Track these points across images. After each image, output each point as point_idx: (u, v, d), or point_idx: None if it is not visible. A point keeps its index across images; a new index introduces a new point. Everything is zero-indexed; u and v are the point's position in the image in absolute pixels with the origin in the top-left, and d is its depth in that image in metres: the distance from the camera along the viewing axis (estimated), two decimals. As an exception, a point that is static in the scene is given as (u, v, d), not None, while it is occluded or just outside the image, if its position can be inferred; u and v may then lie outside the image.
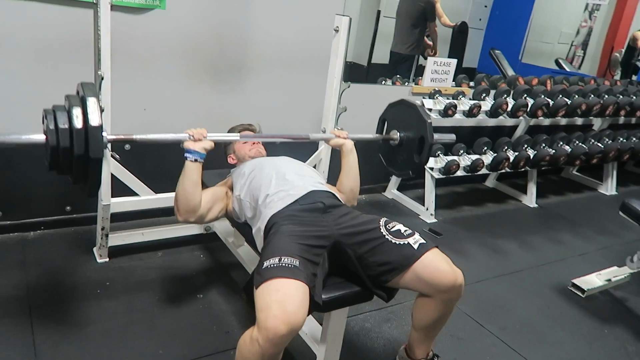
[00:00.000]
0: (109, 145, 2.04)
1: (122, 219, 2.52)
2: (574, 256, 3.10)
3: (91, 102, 1.36)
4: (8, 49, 2.15)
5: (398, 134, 2.07)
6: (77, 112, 1.34)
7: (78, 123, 1.33)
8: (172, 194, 2.34)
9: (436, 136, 1.99)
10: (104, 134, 1.40)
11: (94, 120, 1.34)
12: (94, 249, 2.35)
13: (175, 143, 1.72)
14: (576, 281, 2.65)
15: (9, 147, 1.39)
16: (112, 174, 2.17)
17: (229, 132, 2.27)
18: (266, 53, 2.79)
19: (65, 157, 1.35)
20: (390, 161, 2.17)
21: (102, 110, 1.93)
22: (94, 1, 1.85)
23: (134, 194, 2.31)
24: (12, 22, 2.12)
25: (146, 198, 2.33)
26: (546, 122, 4.12)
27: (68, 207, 2.54)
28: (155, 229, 2.48)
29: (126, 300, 2.06)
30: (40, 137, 1.37)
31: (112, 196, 2.21)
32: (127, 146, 2.49)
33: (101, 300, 2.04)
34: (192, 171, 1.68)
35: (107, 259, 2.31)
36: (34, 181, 2.40)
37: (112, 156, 2.11)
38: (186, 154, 1.68)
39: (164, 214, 2.64)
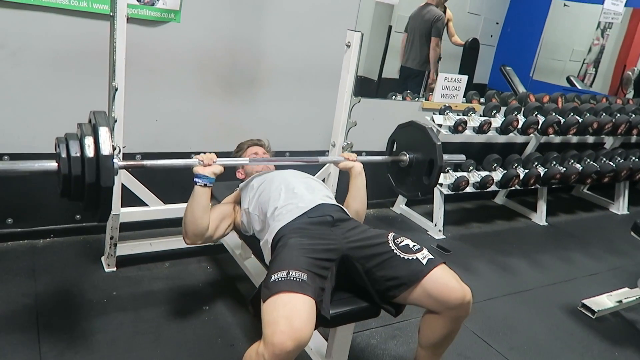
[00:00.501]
0: (121, 154, 2.07)
1: (131, 229, 2.53)
2: (584, 276, 3.06)
3: (103, 132, 1.37)
4: (26, 59, 2.19)
5: (407, 155, 2.08)
6: (89, 141, 1.36)
7: (90, 152, 1.35)
8: (182, 205, 2.36)
9: (446, 157, 1.99)
10: (115, 160, 1.41)
11: (106, 150, 1.36)
12: (102, 258, 2.37)
13: (185, 168, 1.73)
14: (586, 302, 2.62)
15: (22, 174, 1.41)
16: (122, 184, 2.18)
17: (237, 147, 2.29)
18: (278, 67, 2.81)
19: (76, 185, 1.37)
20: (399, 182, 2.18)
21: (115, 121, 1.97)
22: (111, 13, 1.88)
23: (143, 204, 2.32)
24: (30, 33, 2.16)
25: (155, 208, 2.34)
26: (557, 139, 4.11)
27: (78, 216, 2.55)
28: (163, 239, 2.48)
29: (133, 310, 2.06)
30: (52, 165, 1.39)
31: (122, 206, 2.22)
32: (139, 157, 2.52)
33: (108, 309, 2.04)
34: (201, 196, 1.69)
35: (115, 269, 2.32)
36: (45, 189, 2.41)
37: (123, 166, 2.12)
38: (195, 179, 1.69)
39: (173, 225, 2.65)
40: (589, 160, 3.97)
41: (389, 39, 4.64)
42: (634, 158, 4.20)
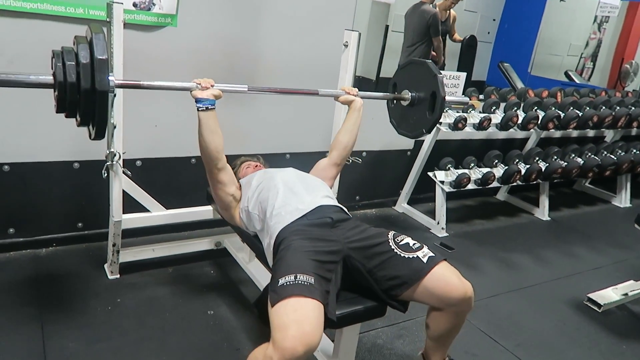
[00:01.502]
0: (121, 160, 2.07)
1: (133, 235, 2.52)
2: (588, 270, 3.05)
3: (97, 38, 1.36)
4: (23, 67, 2.18)
5: (410, 93, 2.06)
6: (83, 48, 1.35)
7: (84, 58, 1.34)
8: (183, 210, 2.37)
9: (449, 98, 1.98)
10: (111, 77, 1.40)
11: (100, 55, 1.35)
12: (105, 266, 2.36)
13: (182, 90, 1.75)
14: (592, 296, 2.61)
15: (18, 86, 1.40)
16: (123, 190, 2.18)
17: (231, 164, 2.28)
18: (276, 68, 2.81)
19: (72, 93, 1.35)
20: (402, 123, 2.16)
21: (114, 127, 1.97)
22: (107, 19, 1.87)
23: (145, 210, 2.32)
24: (27, 40, 2.15)
25: (157, 214, 2.33)
26: (557, 134, 4.10)
27: (80, 224, 2.55)
28: (165, 245, 2.48)
29: (137, 317, 2.05)
30: (48, 78, 1.38)
31: (124, 212, 2.22)
32: (139, 162, 2.51)
33: (112, 317, 2.03)
34: (207, 119, 1.72)
35: (118, 275, 2.31)
36: (47, 198, 2.42)
37: (124, 172, 2.12)
38: (197, 104, 1.71)
39: (175, 230, 2.65)
40: (590, 154, 3.96)
41: (386, 39, 4.64)
42: (635, 151, 4.20)
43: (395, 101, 2.15)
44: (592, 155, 3.95)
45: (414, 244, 1.61)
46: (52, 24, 2.17)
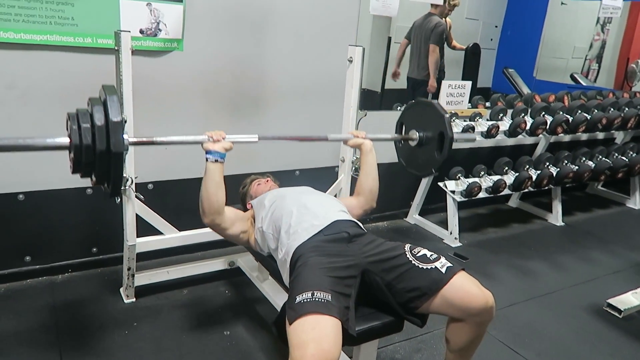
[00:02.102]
0: (134, 185, 2.09)
1: (147, 258, 2.53)
2: (606, 275, 3.01)
3: (112, 100, 1.39)
4: (35, 98, 2.22)
5: (417, 133, 2.06)
6: (98, 110, 1.38)
7: (99, 120, 1.36)
8: (196, 231, 2.38)
9: (457, 135, 1.98)
10: (125, 136, 1.42)
11: (115, 117, 1.37)
12: (121, 290, 2.37)
13: (195, 143, 1.75)
14: (611, 301, 2.57)
15: (35, 150, 1.44)
16: (136, 214, 2.19)
17: (242, 184, 2.30)
18: (282, 87, 2.84)
19: (87, 155, 1.37)
20: (410, 162, 2.16)
21: (126, 151, 1.99)
22: (116, 47, 1.91)
23: (158, 232, 2.33)
24: (38, 72, 2.20)
25: (170, 236, 2.35)
26: (567, 138, 4.07)
27: (94, 249, 2.57)
28: (179, 266, 2.49)
29: (154, 341, 2.05)
30: (64, 140, 1.40)
31: (137, 236, 2.23)
32: (151, 185, 2.54)
33: (129, 341, 2.04)
34: (214, 172, 1.71)
35: (134, 299, 2.32)
36: (61, 225, 2.44)
37: (136, 196, 2.14)
38: (207, 155, 1.71)
39: (188, 251, 2.66)
40: (600, 156, 3.93)
41: (389, 51, 4.68)
42: (646, 151, 4.16)
43: (402, 141, 2.15)
44: (603, 158, 3.91)
45: (431, 254, 1.61)
46: (62, 54, 2.21)
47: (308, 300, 1.37)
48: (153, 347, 2.01)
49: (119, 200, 2.08)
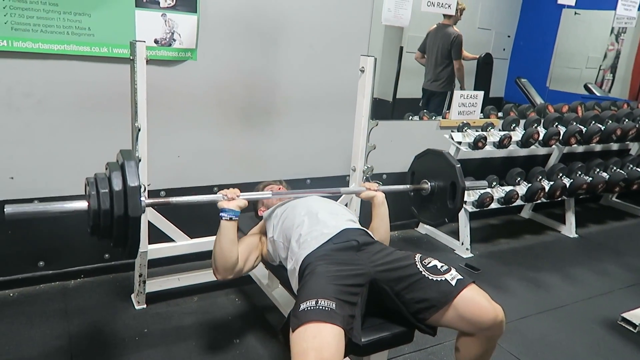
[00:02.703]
0: (147, 192, 2.11)
1: (159, 265, 2.55)
2: (621, 288, 2.96)
3: (129, 165, 1.42)
4: (52, 106, 2.26)
5: (429, 183, 2.09)
6: (116, 176, 1.41)
7: (117, 186, 1.39)
8: (207, 238, 2.39)
9: (468, 184, 2.00)
10: (142, 198, 1.44)
11: (133, 182, 1.40)
12: (132, 296, 2.39)
13: (210, 202, 1.76)
14: (626, 315, 2.52)
15: (54, 215, 1.44)
16: (148, 221, 2.21)
17: (255, 187, 2.30)
18: (294, 96, 2.85)
19: (105, 219, 1.40)
20: (423, 211, 2.18)
21: (139, 160, 2.02)
22: (131, 57, 1.94)
23: (170, 240, 2.35)
24: (54, 81, 2.24)
25: (182, 243, 2.37)
26: (580, 149, 4.04)
27: (106, 255, 2.59)
28: (190, 273, 2.50)
29: (164, 347, 2.06)
30: (83, 204, 1.43)
31: (149, 243, 2.25)
32: (163, 193, 2.56)
33: (140, 347, 2.05)
34: (228, 229, 1.71)
35: (145, 306, 2.34)
36: (74, 231, 2.45)
37: (148, 204, 2.16)
38: (221, 214, 1.71)
39: (199, 258, 2.66)
40: (615, 167, 3.89)
41: (401, 60, 4.69)
42: (662, 162, 4.10)
43: (414, 191, 2.17)
44: (618, 169, 3.87)
45: (441, 266, 1.60)
46: (78, 63, 2.25)
47: (311, 308, 1.38)
48: (163, 354, 2.02)
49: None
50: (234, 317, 2.34)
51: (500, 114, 3.74)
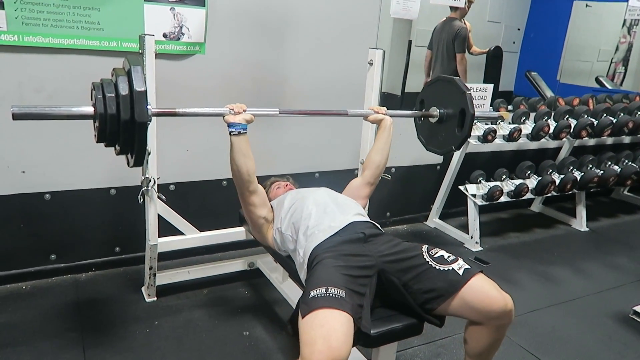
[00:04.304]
0: (156, 186, 2.13)
1: (169, 258, 2.57)
2: (632, 282, 2.94)
3: (135, 70, 1.40)
4: (62, 101, 2.27)
5: (437, 110, 2.05)
6: (122, 80, 1.39)
7: (124, 90, 1.38)
8: (217, 232, 2.41)
9: (478, 112, 1.95)
10: (148, 107, 1.44)
11: (139, 87, 1.39)
12: (143, 289, 2.41)
13: (215, 115, 1.80)
14: (638, 309, 2.50)
15: (60, 118, 1.45)
16: (158, 215, 2.23)
17: (263, 184, 2.31)
18: (303, 90, 2.85)
19: (112, 124, 1.39)
20: (430, 140, 2.15)
21: (148, 153, 2.03)
22: (140, 51, 1.95)
23: (179, 233, 2.36)
24: (64, 75, 2.26)
25: (191, 237, 2.38)
26: (591, 142, 4.00)
27: (117, 248, 2.62)
28: (200, 266, 2.51)
29: (174, 339, 2.08)
30: (89, 109, 1.42)
31: (159, 236, 2.27)
32: (172, 187, 2.58)
33: (151, 339, 2.07)
34: (239, 143, 1.75)
35: (155, 298, 2.36)
36: (85, 224, 2.50)
37: (158, 197, 2.18)
38: (230, 129, 1.74)
39: (209, 252, 2.68)
40: (627, 161, 3.84)
41: (409, 54, 4.66)
42: (675, 156, 4.05)
43: (423, 118, 2.14)
44: (630, 163, 3.82)
45: (448, 256, 1.60)
46: (88, 57, 2.27)
47: (322, 295, 1.38)
48: (174, 346, 2.04)
49: (142, 200, 2.11)
50: (244, 309, 2.35)
51: (510, 107, 3.71)
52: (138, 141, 1.44)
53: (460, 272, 1.53)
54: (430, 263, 1.57)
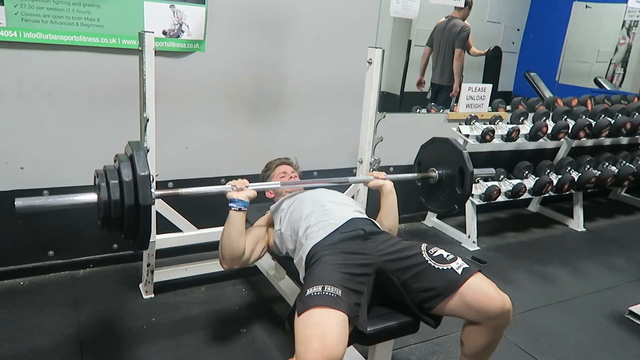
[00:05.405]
0: (154, 183, 2.13)
1: (166, 255, 2.57)
2: (628, 282, 2.95)
3: (138, 156, 1.42)
4: (61, 97, 2.28)
5: (436, 171, 2.08)
6: (125, 166, 1.41)
7: (127, 176, 1.40)
8: (215, 229, 2.41)
9: (475, 171, 1.98)
10: (152, 190, 1.45)
11: (142, 171, 1.40)
12: (140, 285, 2.41)
13: (219, 194, 1.77)
14: (634, 309, 2.51)
15: (64, 207, 1.44)
16: (156, 212, 2.23)
17: (266, 166, 2.32)
18: (302, 88, 2.86)
19: (116, 210, 1.40)
20: (432, 200, 2.18)
21: (147, 151, 2.03)
22: (139, 48, 1.95)
23: (177, 230, 2.37)
24: (64, 72, 2.26)
25: (189, 234, 2.38)
26: (589, 143, 4.01)
27: (115, 245, 2.62)
28: (198, 264, 2.52)
29: (172, 336, 2.08)
30: (92, 197, 1.43)
31: (157, 233, 2.27)
32: (171, 184, 2.58)
33: (148, 336, 2.07)
34: (237, 220, 1.72)
35: (153, 295, 2.36)
36: (83, 221, 2.48)
37: (156, 194, 2.18)
38: (230, 204, 1.73)
39: (207, 249, 2.69)
40: (624, 162, 3.86)
41: (409, 53, 4.66)
42: (672, 157, 4.06)
43: (422, 180, 2.16)
44: (627, 163, 3.84)
45: (447, 255, 1.60)
46: (88, 54, 2.27)
47: (318, 293, 1.39)
48: (171, 343, 2.04)
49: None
50: (241, 307, 2.36)
51: (508, 107, 3.72)
52: (143, 226, 1.44)
53: (459, 271, 1.53)
54: (429, 262, 1.57)
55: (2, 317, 2.12)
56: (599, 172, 3.64)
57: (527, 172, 3.49)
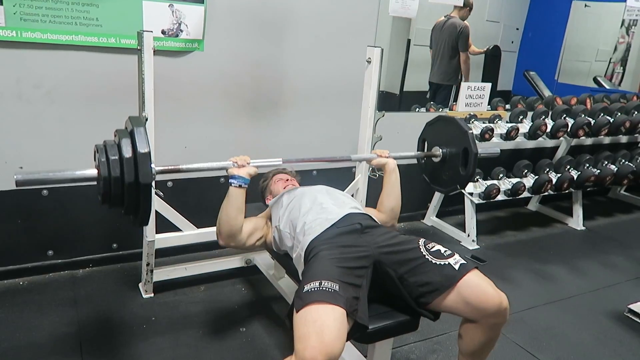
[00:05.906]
0: (154, 182, 2.13)
1: (166, 255, 2.58)
2: (628, 280, 2.95)
3: (139, 132, 1.41)
4: (60, 97, 2.28)
5: (440, 150, 2.07)
6: (126, 142, 1.40)
7: (127, 152, 1.38)
8: (214, 228, 2.40)
9: (480, 150, 1.96)
10: (152, 165, 1.44)
11: (143, 148, 1.39)
12: (140, 285, 2.41)
13: (220, 169, 1.78)
14: (633, 307, 2.52)
15: (64, 182, 1.45)
16: (156, 211, 2.23)
17: (262, 177, 2.30)
18: (301, 87, 2.86)
19: (116, 187, 1.39)
20: (435, 179, 2.16)
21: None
22: (138, 47, 1.95)
23: (177, 229, 2.37)
24: (63, 71, 2.26)
25: (189, 233, 2.38)
26: (588, 141, 4.01)
27: (114, 245, 2.62)
28: (197, 263, 2.52)
29: (171, 335, 2.09)
30: (93, 172, 1.43)
31: (156, 232, 2.27)
32: (170, 183, 2.58)
33: (148, 335, 2.07)
34: (236, 197, 1.73)
35: (152, 294, 2.36)
36: (83, 221, 2.50)
37: (156, 193, 2.17)
38: (231, 180, 1.73)
39: (206, 248, 2.69)
40: (623, 160, 3.86)
41: (408, 53, 4.67)
42: (671, 155, 4.06)
43: (425, 158, 2.15)
44: (626, 162, 3.84)
45: (445, 250, 1.60)
46: (87, 54, 2.27)
47: (315, 289, 1.39)
48: (170, 342, 2.04)
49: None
50: (241, 306, 2.36)
51: (507, 106, 3.72)
52: (143, 202, 1.43)
53: (457, 266, 1.53)
54: (426, 256, 1.57)
55: (2, 317, 2.12)
56: (598, 171, 3.64)
57: (526, 170, 3.50)
